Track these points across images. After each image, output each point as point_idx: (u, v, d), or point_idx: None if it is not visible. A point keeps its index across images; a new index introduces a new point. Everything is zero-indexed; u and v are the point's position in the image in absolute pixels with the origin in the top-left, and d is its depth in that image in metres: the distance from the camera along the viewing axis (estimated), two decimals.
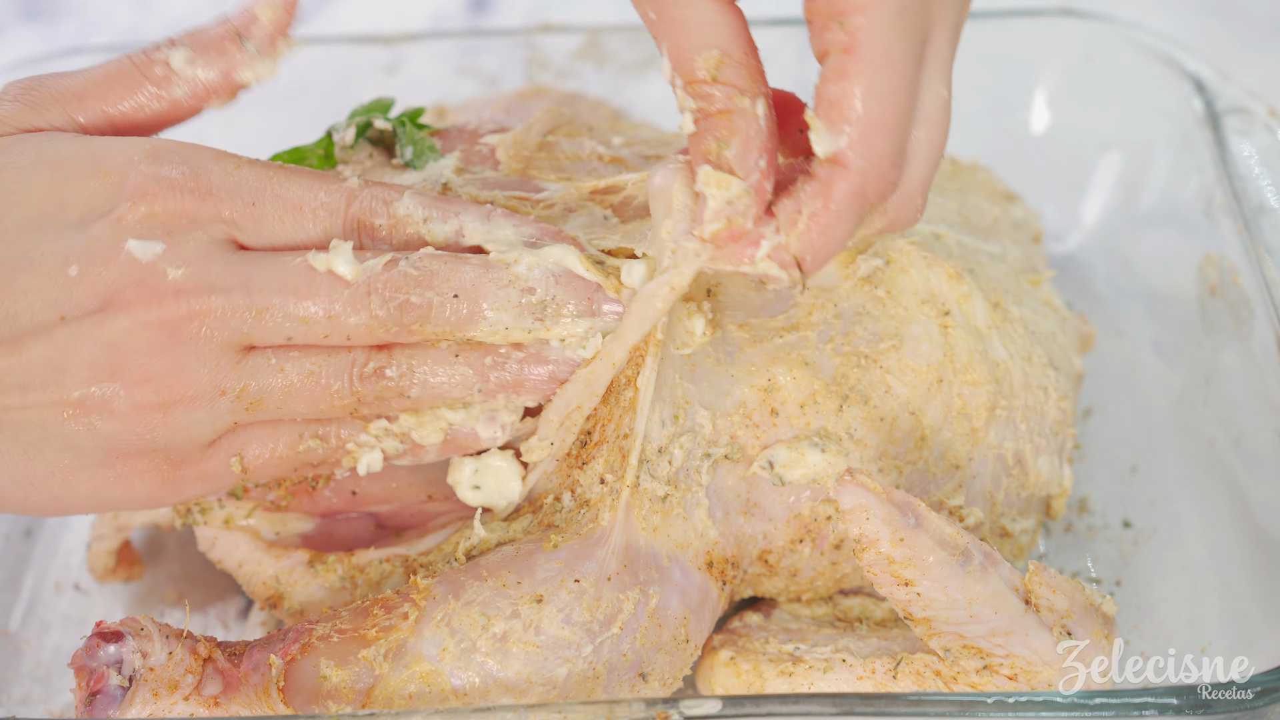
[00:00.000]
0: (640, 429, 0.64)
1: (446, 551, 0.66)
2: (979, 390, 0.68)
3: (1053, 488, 0.72)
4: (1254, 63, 1.11)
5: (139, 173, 0.60)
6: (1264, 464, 0.73)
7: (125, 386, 0.59)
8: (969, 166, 0.83)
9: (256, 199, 0.61)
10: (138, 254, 0.59)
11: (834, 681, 0.64)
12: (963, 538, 0.62)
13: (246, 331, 0.60)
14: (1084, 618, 0.62)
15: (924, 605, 0.62)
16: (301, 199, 0.62)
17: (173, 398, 0.59)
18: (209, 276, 0.59)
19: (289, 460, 0.63)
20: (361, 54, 0.96)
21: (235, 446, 0.62)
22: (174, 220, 0.60)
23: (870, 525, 0.61)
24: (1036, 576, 0.62)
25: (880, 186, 0.57)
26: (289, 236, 0.62)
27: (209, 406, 0.60)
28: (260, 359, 0.61)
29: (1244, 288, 0.76)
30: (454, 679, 0.60)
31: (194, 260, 0.59)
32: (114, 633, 0.61)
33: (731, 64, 0.57)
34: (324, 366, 0.61)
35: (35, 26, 1.22)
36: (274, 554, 0.69)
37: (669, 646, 0.64)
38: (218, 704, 0.60)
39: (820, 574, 0.69)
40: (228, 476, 0.63)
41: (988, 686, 0.62)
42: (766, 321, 0.67)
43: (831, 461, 0.66)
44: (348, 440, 0.63)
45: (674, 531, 0.65)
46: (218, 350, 0.60)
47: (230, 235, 0.61)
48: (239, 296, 0.59)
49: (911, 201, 0.60)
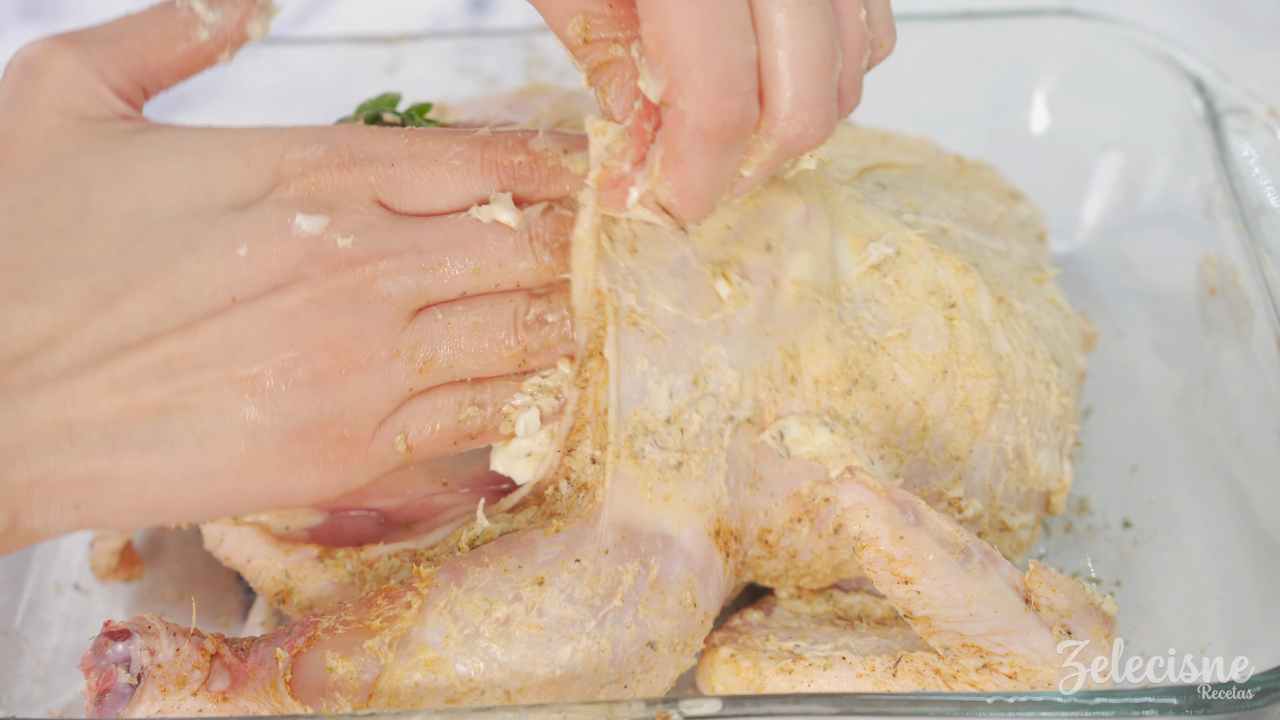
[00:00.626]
0: (614, 400, 0.64)
1: (452, 544, 0.66)
2: (982, 383, 0.68)
3: (1052, 483, 0.72)
4: (1254, 63, 1.11)
5: (284, 159, 0.61)
6: (1264, 464, 0.73)
7: (304, 354, 0.58)
8: (974, 165, 0.83)
9: (394, 159, 0.62)
10: (306, 228, 0.59)
11: (834, 679, 0.64)
12: (963, 536, 0.62)
13: (423, 290, 0.61)
14: (1084, 617, 0.62)
15: (924, 604, 0.62)
16: (436, 152, 0.63)
17: (351, 361, 0.59)
18: (378, 241, 0.60)
19: (450, 433, 0.63)
20: (361, 54, 0.96)
21: (401, 424, 0.62)
22: (329, 194, 0.61)
23: (870, 523, 0.61)
24: (1036, 575, 0.62)
25: (722, 119, 0.56)
26: (428, 191, 0.63)
27: (384, 370, 0.60)
28: (429, 317, 0.62)
29: (1244, 288, 0.77)
30: (459, 665, 0.61)
31: (360, 229, 0.60)
32: (122, 631, 0.61)
33: (596, 20, 0.59)
34: (489, 317, 0.63)
35: (35, 26, 1.22)
36: (283, 549, 0.69)
37: (674, 612, 0.64)
38: (225, 699, 0.60)
39: (818, 557, 0.69)
40: (392, 458, 0.62)
41: (987, 685, 0.62)
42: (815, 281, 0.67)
43: (837, 443, 0.66)
44: (503, 403, 0.64)
45: (691, 495, 0.65)
46: (393, 312, 0.60)
47: (377, 198, 0.62)
48: (411, 257, 0.61)
49: (794, 121, 0.57)
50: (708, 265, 0.65)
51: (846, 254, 0.68)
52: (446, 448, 0.64)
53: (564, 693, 0.61)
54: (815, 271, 0.66)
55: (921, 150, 0.82)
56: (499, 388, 0.64)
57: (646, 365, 0.64)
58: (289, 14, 1.20)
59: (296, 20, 1.20)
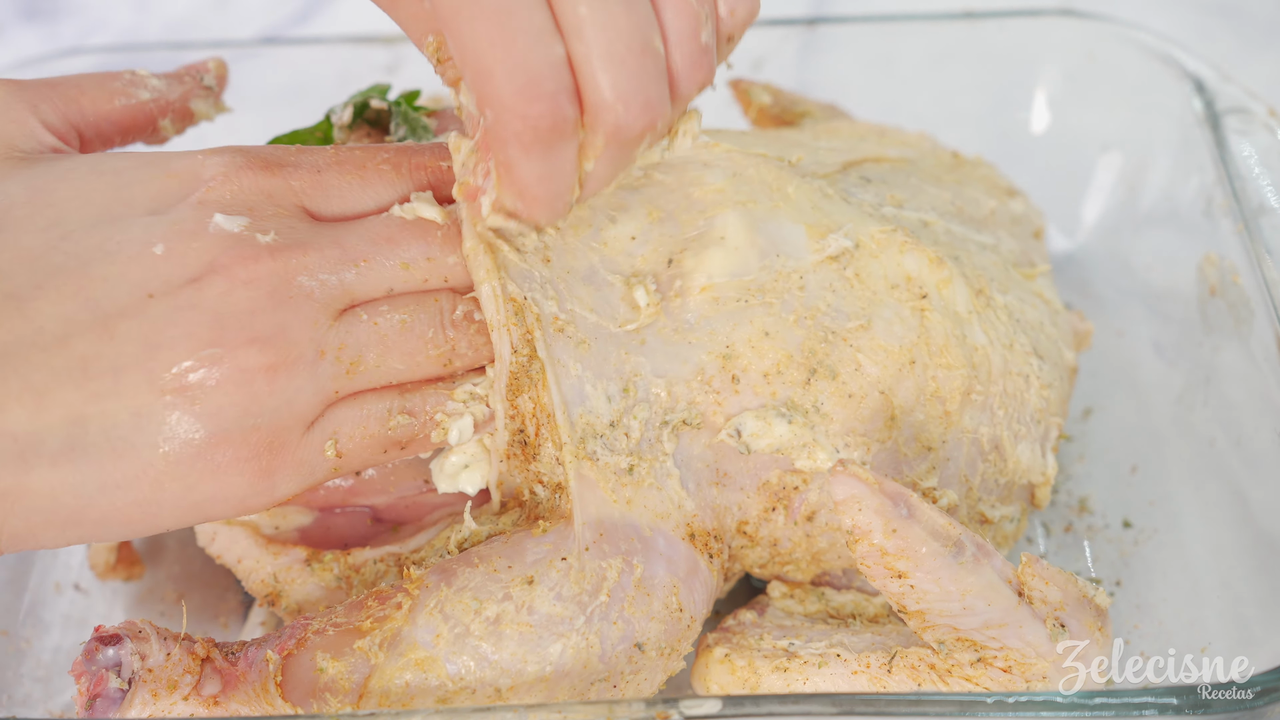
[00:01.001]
0: (558, 401, 0.64)
1: (438, 546, 0.66)
2: (954, 373, 0.68)
3: (1035, 476, 0.72)
4: (1254, 63, 1.11)
5: (204, 165, 0.61)
6: (1264, 464, 0.73)
7: (228, 351, 0.56)
8: (971, 161, 0.83)
9: (320, 167, 0.63)
10: (225, 225, 0.58)
11: (829, 676, 0.64)
12: (955, 529, 0.62)
13: (347, 287, 0.60)
14: (1077, 610, 0.62)
15: (917, 598, 0.62)
16: (364, 159, 0.64)
17: (277, 359, 0.57)
18: (300, 237, 0.60)
19: (380, 440, 0.62)
20: (361, 54, 0.96)
21: (329, 429, 0.61)
22: (251, 197, 0.60)
23: (863, 517, 0.61)
24: (1029, 568, 0.62)
25: (529, 123, 0.56)
26: (356, 199, 0.63)
27: (311, 370, 0.59)
28: (353, 317, 0.61)
29: (1244, 288, 0.77)
30: (449, 664, 0.61)
31: (281, 228, 0.60)
32: (112, 636, 0.61)
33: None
34: (415, 315, 0.62)
35: (35, 26, 1.22)
36: (272, 551, 0.69)
37: (661, 615, 0.64)
38: (217, 703, 0.60)
39: (797, 545, 0.69)
40: (321, 466, 0.61)
41: (982, 679, 0.62)
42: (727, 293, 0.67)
43: (798, 433, 0.66)
44: (435, 411, 0.63)
45: (650, 502, 0.65)
46: (317, 309, 0.59)
47: (302, 204, 0.62)
48: (333, 252, 0.60)
49: (612, 112, 0.57)
50: (616, 276, 0.66)
51: (802, 243, 0.68)
52: (377, 456, 0.63)
53: (554, 690, 0.62)
54: (732, 272, 0.66)
55: (918, 145, 0.83)
56: (429, 395, 0.63)
57: (580, 370, 0.65)
58: (289, 14, 1.20)
59: (296, 20, 1.20)
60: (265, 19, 1.21)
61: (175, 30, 1.20)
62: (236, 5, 1.22)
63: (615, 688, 0.63)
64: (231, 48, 0.97)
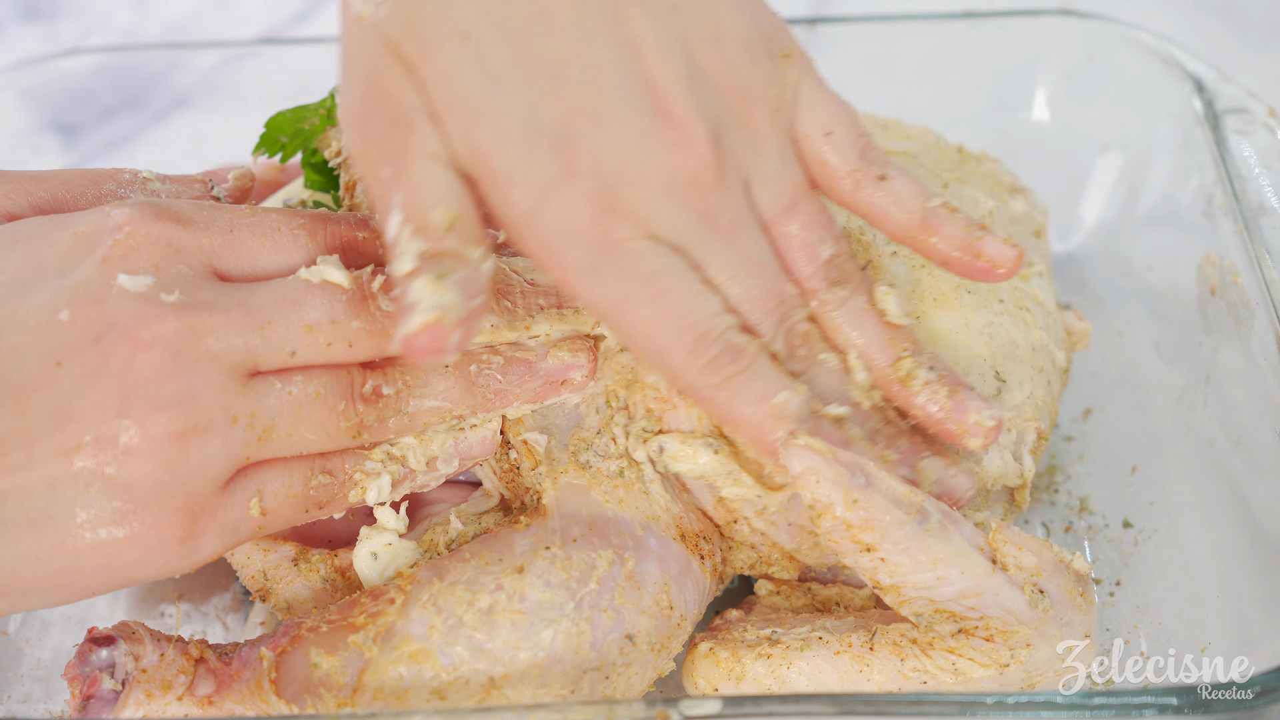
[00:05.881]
0: (537, 437, 0.67)
1: (424, 547, 0.67)
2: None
3: (1010, 480, 0.72)
4: (1254, 63, 1.11)
5: (111, 219, 0.59)
6: (1264, 464, 0.73)
7: (137, 420, 0.56)
8: (977, 157, 0.83)
9: (233, 227, 0.61)
10: (129, 286, 0.57)
11: (811, 659, 0.64)
12: (917, 496, 0.61)
13: (251, 350, 0.59)
14: (1054, 575, 0.62)
15: (890, 571, 0.61)
16: (278, 222, 0.63)
17: (187, 426, 0.57)
18: (204, 298, 0.58)
19: (302, 500, 0.62)
20: None
21: (253, 488, 0.60)
22: (158, 252, 0.59)
23: (822, 489, 0.60)
24: (999, 535, 0.62)
25: None
26: (268, 261, 0.62)
27: (223, 436, 0.58)
28: (265, 384, 0.60)
29: (1244, 288, 0.76)
30: (442, 655, 0.61)
31: (186, 287, 0.58)
32: (105, 637, 0.61)
33: (465, 222, 0.58)
34: (327, 387, 0.61)
35: (35, 26, 1.22)
36: (262, 547, 0.69)
37: (651, 610, 0.65)
38: (211, 702, 0.60)
39: (774, 548, 0.69)
40: (246, 525, 0.61)
41: (964, 649, 0.62)
42: None
43: (723, 463, 0.66)
44: (354, 471, 0.63)
45: (640, 504, 0.66)
46: (225, 374, 0.58)
47: (211, 264, 0.60)
48: (238, 314, 0.59)
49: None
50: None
51: None
52: (299, 515, 0.62)
53: (547, 678, 0.62)
54: None
55: (921, 139, 0.82)
56: (348, 456, 0.63)
57: (577, 398, 0.67)
58: (289, 14, 1.20)
59: (296, 20, 1.20)
60: (265, 19, 1.21)
61: (175, 30, 1.20)
62: (236, 5, 1.22)
63: (608, 679, 0.63)
64: (231, 48, 0.98)
